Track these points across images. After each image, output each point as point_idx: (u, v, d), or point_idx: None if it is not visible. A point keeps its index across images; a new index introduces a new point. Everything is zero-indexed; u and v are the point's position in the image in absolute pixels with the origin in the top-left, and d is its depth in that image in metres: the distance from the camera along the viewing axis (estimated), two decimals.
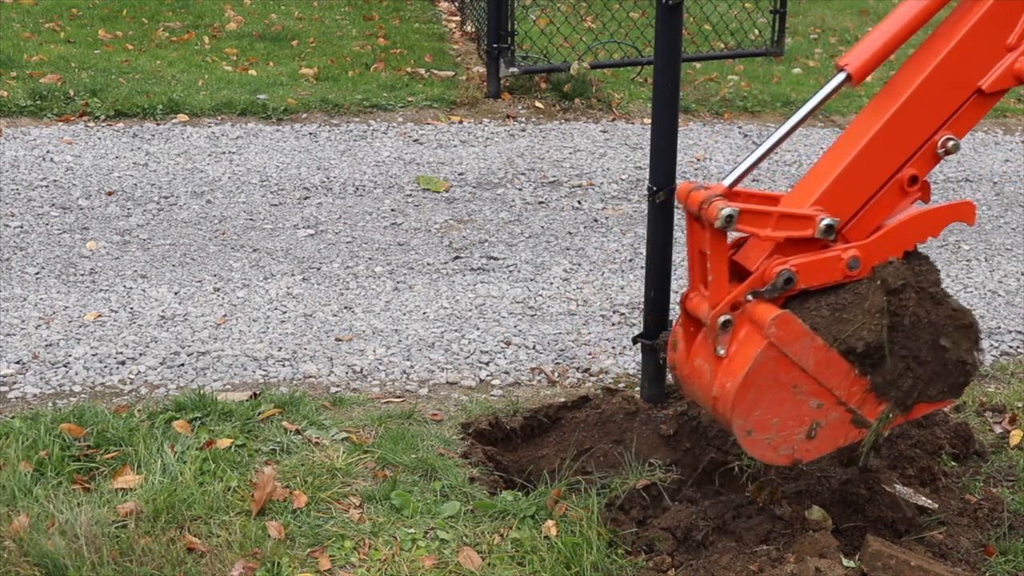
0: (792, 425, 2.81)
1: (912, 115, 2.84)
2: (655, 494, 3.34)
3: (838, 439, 2.88)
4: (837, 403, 2.84)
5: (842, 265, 2.85)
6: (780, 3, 7.97)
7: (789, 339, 2.75)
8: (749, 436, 2.79)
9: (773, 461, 2.85)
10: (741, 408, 2.76)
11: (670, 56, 3.51)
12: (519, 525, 3.22)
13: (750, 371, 2.74)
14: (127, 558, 3.03)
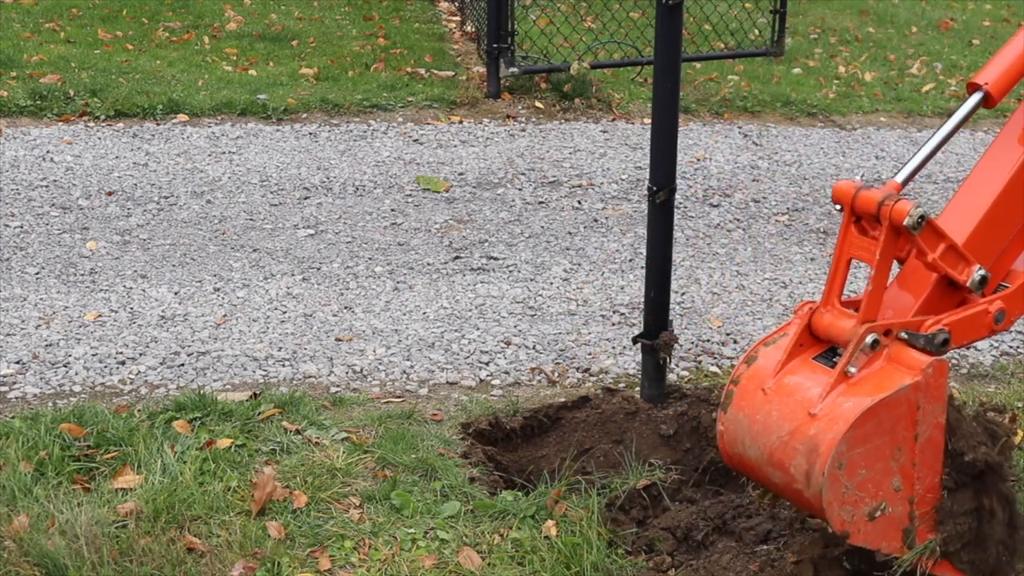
0: (870, 489, 2.44)
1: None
2: (655, 494, 3.35)
3: (881, 539, 2.51)
4: (909, 499, 2.51)
5: (989, 319, 2.63)
6: (780, 3, 7.97)
7: (933, 393, 2.45)
8: (839, 469, 2.38)
9: (833, 515, 2.43)
10: (853, 435, 2.37)
11: (670, 56, 3.51)
12: (519, 525, 3.22)
13: (885, 399, 2.39)
14: (127, 558, 3.03)
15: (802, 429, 2.43)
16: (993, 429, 2.71)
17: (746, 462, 2.55)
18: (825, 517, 2.42)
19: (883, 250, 2.48)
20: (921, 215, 2.46)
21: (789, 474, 2.43)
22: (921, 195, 6.24)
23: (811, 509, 2.47)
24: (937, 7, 10.89)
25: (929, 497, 2.52)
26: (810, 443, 2.40)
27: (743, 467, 2.58)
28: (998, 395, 4.15)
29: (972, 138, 7.28)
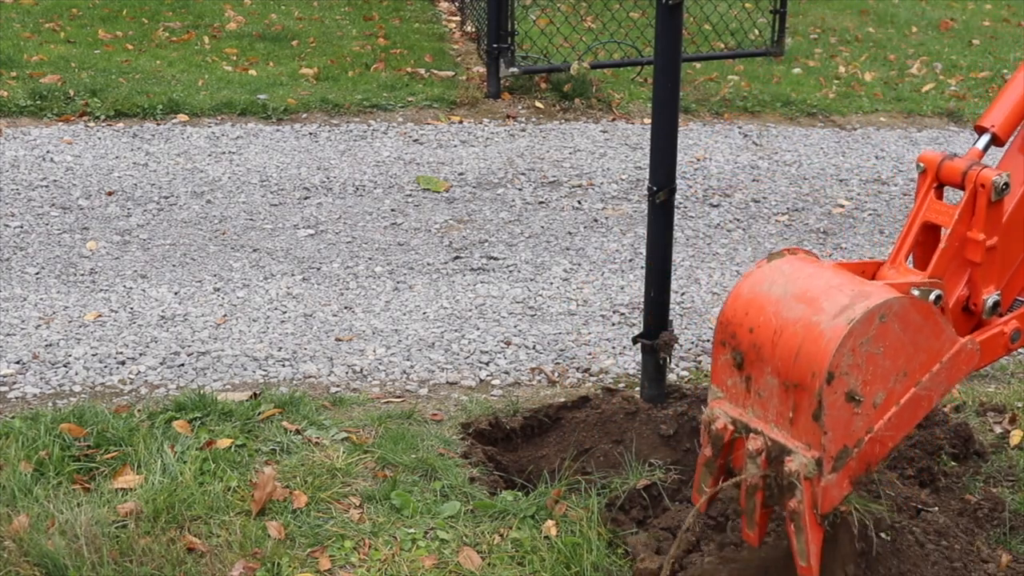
0: (873, 372, 2.41)
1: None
2: (655, 494, 3.34)
3: (843, 431, 2.44)
4: (869, 429, 2.46)
5: (1005, 340, 2.68)
6: (780, 3, 7.97)
7: (954, 365, 2.51)
8: (879, 320, 2.36)
9: (835, 358, 2.35)
10: (904, 307, 2.40)
11: (670, 56, 3.51)
12: (519, 525, 3.22)
13: (926, 306, 2.44)
14: (127, 558, 3.03)
15: (855, 284, 2.44)
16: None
17: (759, 301, 2.50)
18: (824, 354, 2.35)
19: (962, 211, 2.53)
20: (1006, 182, 2.51)
21: (819, 308, 2.39)
22: None
23: (817, 346, 2.38)
24: (937, 7, 10.90)
25: (884, 438, 2.49)
26: (862, 292, 2.40)
27: (748, 307, 2.52)
28: (998, 395, 4.15)
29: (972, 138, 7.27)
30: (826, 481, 2.43)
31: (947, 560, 2.94)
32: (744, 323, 2.51)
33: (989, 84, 8.37)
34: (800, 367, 2.39)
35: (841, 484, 2.45)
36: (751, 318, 2.50)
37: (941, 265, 2.57)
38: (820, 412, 2.39)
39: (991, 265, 2.61)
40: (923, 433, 3.53)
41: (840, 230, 5.72)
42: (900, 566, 2.86)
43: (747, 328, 2.51)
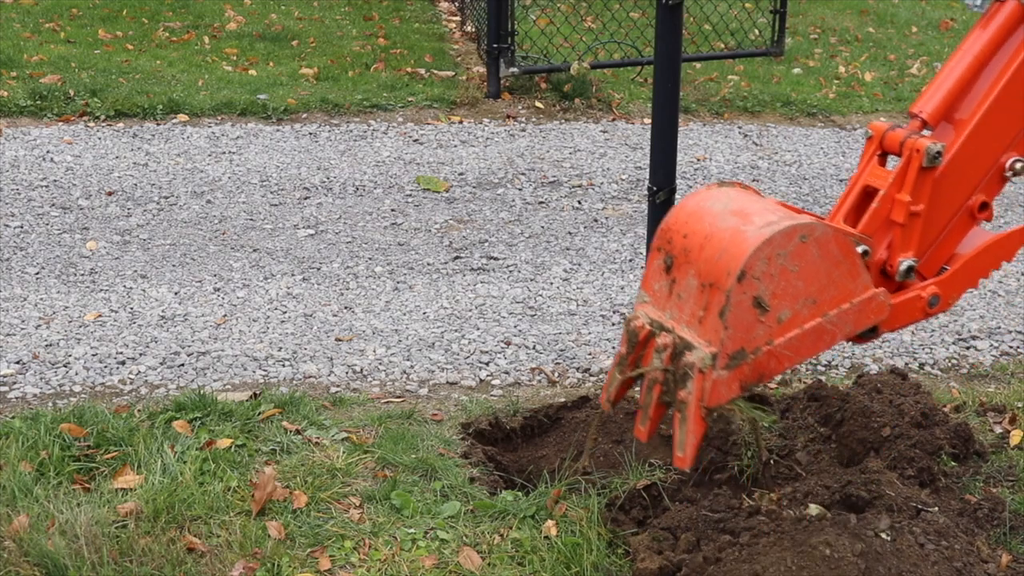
0: (784, 288, 2.58)
1: (983, 140, 2.79)
2: (655, 494, 3.34)
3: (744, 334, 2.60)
4: (769, 340, 2.61)
5: (923, 304, 2.80)
6: (780, 3, 7.97)
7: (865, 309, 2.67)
8: (800, 240, 2.54)
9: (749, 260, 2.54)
10: (825, 235, 2.57)
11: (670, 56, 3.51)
12: (519, 525, 3.22)
13: (847, 239, 2.62)
14: (127, 558, 3.03)
15: (790, 211, 2.66)
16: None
17: (699, 213, 2.69)
18: (741, 254, 2.53)
19: (896, 176, 2.71)
20: (939, 151, 2.68)
21: (750, 220, 2.59)
22: None
23: (736, 243, 2.56)
24: (937, 7, 10.90)
25: (782, 356, 2.63)
26: (793, 215, 2.61)
27: (689, 217, 2.70)
28: (998, 395, 4.15)
29: None
30: (717, 376, 2.58)
31: (947, 560, 2.94)
32: (681, 230, 2.69)
33: None
34: (719, 267, 2.56)
35: (731, 384, 2.60)
36: (689, 226, 2.69)
37: (871, 224, 2.74)
38: (726, 309, 2.55)
39: (912, 230, 2.75)
40: (923, 433, 3.53)
41: None
42: (900, 566, 2.86)
43: (682, 234, 2.69)
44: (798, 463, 3.51)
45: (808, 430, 3.66)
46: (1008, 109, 2.79)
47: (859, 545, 2.86)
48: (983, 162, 2.81)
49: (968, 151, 2.79)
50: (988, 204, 2.84)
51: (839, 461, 3.51)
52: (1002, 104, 2.79)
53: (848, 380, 4.21)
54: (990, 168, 2.82)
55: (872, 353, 4.52)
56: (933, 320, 4.79)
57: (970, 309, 4.91)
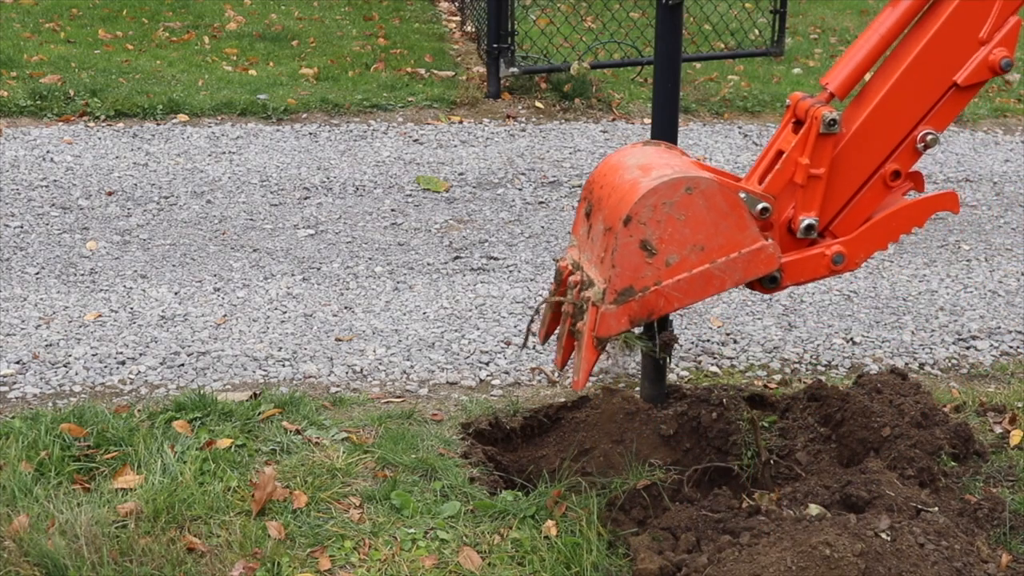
0: (670, 232, 2.87)
1: (891, 112, 2.96)
2: (655, 494, 3.34)
3: (632, 272, 2.91)
4: (657, 281, 2.90)
5: (827, 261, 3.02)
6: (780, 3, 7.97)
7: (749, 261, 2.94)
8: (686, 192, 2.85)
9: (637, 205, 2.86)
10: (711, 187, 2.87)
11: (670, 56, 3.51)
12: (519, 525, 3.22)
13: (730, 193, 2.89)
14: (127, 558, 3.03)
15: (686, 165, 2.96)
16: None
17: (615, 166, 3.03)
18: (629, 201, 2.85)
19: (799, 141, 2.94)
20: (834, 118, 2.90)
21: (648, 173, 2.90)
22: None
23: (629, 192, 2.88)
24: None
25: (670, 296, 2.93)
26: (685, 169, 2.92)
27: (607, 170, 3.04)
28: (998, 395, 4.15)
29: (972, 138, 7.29)
30: (606, 309, 2.90)
31: (947, 560, 2.93)
32: (599, 181, 3.03)
33: (989, 84, 8.37)
34: (615, 213, 2.88)
35: (619, 317, 2.92)
36: (605, 178, 3.02)
37: (774, 184, 2.98)
38: (615, 250, 2.87)
39: (813, 192, 2.97)
40: (923, 433, 3.53)
41: None
42: (900, 566, 2.86)
43: (599, 185, 3.03)
44: (798, 463, 3.51)
45: (808, 430, 3.66)
46: (914, 85, 2.95)
47: (859, 545, 2.86)
48: (891, 133, 2.98)
49: (874, 122, 2.95)
50: (900, 173, 3.01)
51: (839, 461, 3.51)
52: (908, 80, 2.94)
53: (848, 380, 4.21)
54: (900, 139, 2.98)
55: (872, 353, 4.52)
56: (933, 320, 4.79)
57: (970, 309, 4.91)
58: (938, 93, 2.97)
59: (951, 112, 3.00)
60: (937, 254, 5.47)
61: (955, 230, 5.77)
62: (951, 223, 5.85)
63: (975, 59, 2.94)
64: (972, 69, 2.95)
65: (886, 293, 5.04)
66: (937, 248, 5.54)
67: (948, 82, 2.96)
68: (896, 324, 4.76)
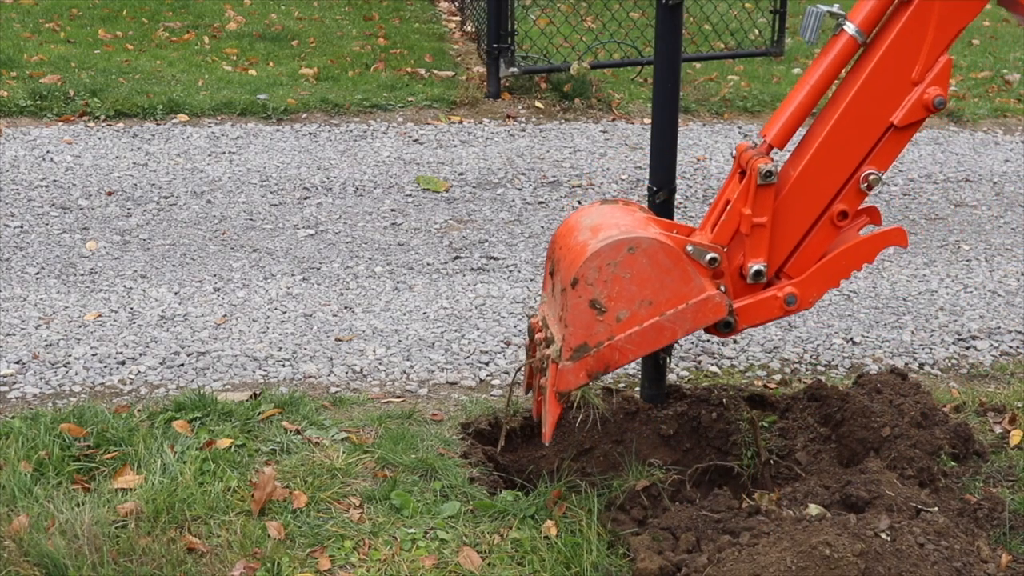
0: (617, 290, 3.01)
1: (831, 157, 3.06)
2: (655, 494, 3.35)
3: (584, 329, 3.03)
4: (610, 336, 3.01)
5: (780, 303, 3.13)
6: (780, 3, 7.97)
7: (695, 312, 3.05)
8: (628, 251, 2.98)
9: (586, 263, 2.99)
10: (654, 246, 3.00)
11: (670, 56, 3.51)
12: (519, 525, 3.22)
13: (673, 252, 3.02)
14: (127, 558, 3.03)
15: (633, 225, 3.08)
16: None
17: (572, 228, 3.17)
18: (577, 264, 3.00)
19: (741, 191, 3.06)
20: (770, 170, 3.01)
21: (597, 235, 3.04)
22: (921, 195, 6.25)
23: (578, 254, 3.03)
24: None
25: (624, 349, 3.05)
26: (630, 229, 3.05)
27: (567, 231, 3.18)
28: (998, 395, 4.15)
29: (972, 138, 7.28)
30: (563, 366, 3.05)
31: (947, 560, 2.94)
32: (559, 242, 3.18)
33: (989, 84, 8.37)
34: (567, 275, 3.04)
35: (577, 373, 3.05)
36: (564, 239, 3.16)
37: (721, 233, 3.09)
38: (566, 310, 3.02)
39: (759, 240, 3.08)
40: (923, 433, 3.53)
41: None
42: (900, 566, 2.86)
43: (559, 246, 3.18)
44: (798, 463, 3.51)
45: (808, 430, 3.66)
46: (851, 129, 3.06)
47: (859, 545, 2.86)
48: (833, 177, 3.08)
49: (815, 168, 3.07)
50: (848, 213, 3.10)
51: (839, 461, 3.51)
52: (845, 125, 3.05)
53: (848, 380, 4.21)
54: (843, 182, 3.08)
55: (872, 353, 4.52)
56: (933, 320, 4.79)
57: (970, 309, 4.91)
58: (876, 135, 3.06)
59: (892, 152, 3.09)
60: (937, 254, 5.47)
61: (955, 230, 5.77)
62: (951, 223, 5.86)
63: (909, 99, 3.02)
64: (907, 109, 3.03)
65: (886, 293, 5.04)
66: (937, 248, 5.54)
67: (885, 123, 3.05)
68: (896, 324, 4.76)
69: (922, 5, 2.96)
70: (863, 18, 3.03)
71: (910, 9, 2.97)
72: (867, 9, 3.03)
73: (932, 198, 6.21)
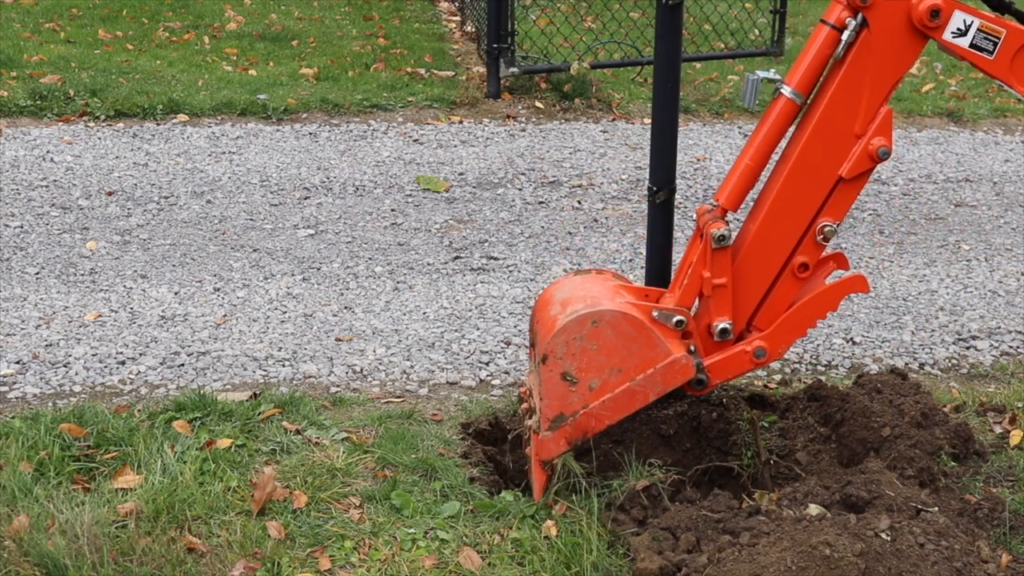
0: (587, 361, 3.15)
1: (784, 214, 3.17)
2: (655, 494, 3.34)
3: (559, 400, 3.19)
4: (585, 405, 3.17)
5: (749, 357, 3.24)
6: (780, 3, 7.97)
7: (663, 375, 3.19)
8: (591, 324, 3.12)
9: (556, 337, 3.14)
10: (617, 317, 3.13)
11: (670, 56, 3.51)
12: (519, 525, 3.22)
13: (643, 325, 3.15)
14: (127, 558, 3.03)
15: (599, 296, 3.22)
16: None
17: (547, 301, 3.32)
18: (545, 340, 3.17)
19: (699, 255, 3.18)
20: (722, 234, 3.11)
21: (565, 309, 3.20)
22: (921, 195, 6.25)
23: (548, 330, 3.18)
24: None
25: (600, 416, 3.19)
26: (595, 302, 3.18)
27: (542, 305, 3.33)
28: (998, 395, 4.15)
29: (972, 138, 7.29)
30: (543, 436, 3.22)
31: (947, 560, 2.94)
32: (536, 316, 3.34)
33: (989, 84, 8.37)
34: (540, 350, 3.20)
35: (557, 441, 3.22)
36: (540, 312, 3.32)
37: (685, 296, 3.22)
38: (541, 384, 3.18)
39: (722, 299, 3.19)
40: (923, 433, 3.53)
41: (840, 230, 5.71)
42: (900, 566, 2.86)
43: (537, 320, 3.34)
44: (798, 463, 3.51)
45: (808, 430, 3.66)
46: (801, 186, 3.15)
47: (859, 545, 2.86)
48: (789, 233, 3.18)
49: (770, 225, 3.18)
50: (808, 265, 3.21)
51: (839, 461, 3.51)
52: (795, 183, 3.15)
53: (848, 380, 4.21)
54: (800, 236, 3.18)
55: (872, 353, 4.52)
56: (933, 320, 4.79)
57: (970, 309, 4.91)
58: (826, 188, 3.14)
59: (845, 202, 3.17)
60: (937, 254, 5.47)
61: (955, 230, 5.77)
62: (951, 223, 5.86)
63: (854, 152, 3.11)
64: (853, 162, 3.11)
65: (886, 293, 5.04)
66: (937, 248, 5.54)
67: (834, 177, 3.13)
68: (896, 324, 4.76)
69: (855, 63, 3.06)
70: (799, 80, 3.13)
71: (844, 67, 3.07)
72: (802, 71, 3.13)
73: (932, 198, 6.21)
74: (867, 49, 3.04)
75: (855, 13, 3.02)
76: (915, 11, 3.01)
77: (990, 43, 3.06)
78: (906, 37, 3.05)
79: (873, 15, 3.02)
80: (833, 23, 3.07)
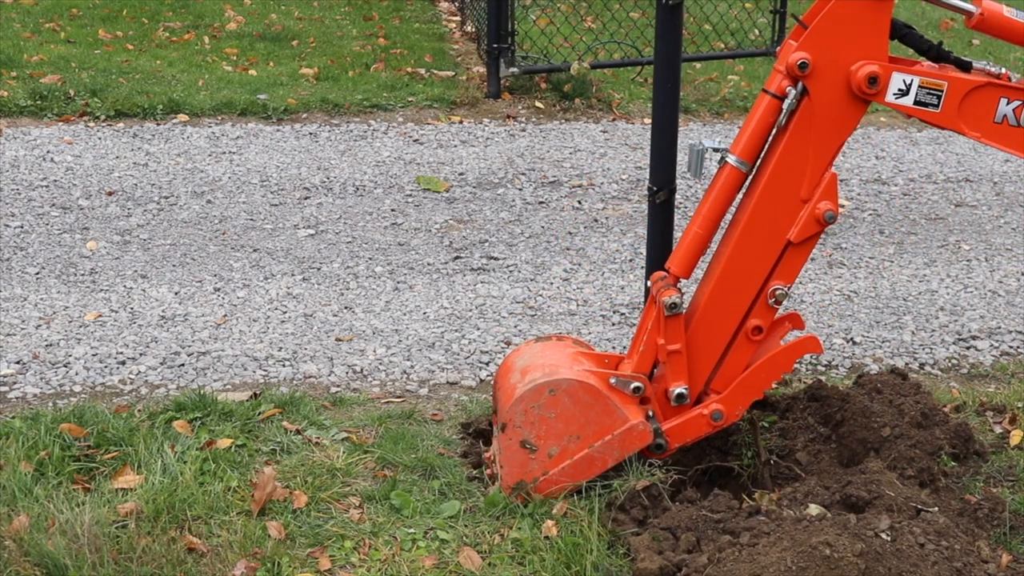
0: (545, 429, 3.21)
1: (735, 280, 3.21)
2: (655, 494, 3.34)
3: (520, 469, 3.27)
4: (545, 470, 3.24)
5: (707, 420, 3.27)
6: (780, 3, 7.97)
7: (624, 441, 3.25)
8: (548, 393, 3.18)
9: (515, 406, 3.20)
10: (574, 385, 3.20)
11: (670, 56, 3.51)
12: (519, 525, 3.22)
13: (603, 396, 3.21)
14: (127, 558, 3.03)
15: (557, 365, 3.28)
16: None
17: (508, 368, 3.38)
18: (504, 409, 3.23)
19: (653, 322, 3.23)
20: (674, 302, 3.17)
21: (524, 377, 3.25)
22: (921, 195, 6.25)
23: (507, 399, 3.23)
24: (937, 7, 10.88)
25: (559, 481, 3.25)
26: (552, 371, 3.24)
27: (504, 372, 3.39)
28: (998, 395, 4.15)
29: None
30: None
31: (947, 560, 2.94)
32: (497, 383, 3.40)
33: None
34: (499, 418, 3.27)
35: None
36: (500, 380, 3.38)
37: (641, 363, 3.26)
38: (500, 452, 3.25)
39: (678, 365, 3.24)
40: (923, 433, 3.53)
41: (840, 230, 5.72)
42: (900, 566, 2.86)
43: (498, 387, 3.39)
44: (798, 463, 3.51)
45: (808, 430, 3.66)
46: (750, 252, 3.19)
47: (859, 545, 2.86)
48: (740, 298, 3.22)
49: (721, 292, 3.22)
50: (762, 328, 3.23)
51: (839, 461, 3.51)
52: (743, 249, 3.19)
53: (848, 380, 4.21)
54: (752, 300, 3.21)
55: (872, 353, 4.52)
56: (933, 320, 4.79)
57: (970, 309, 4.91)
58: (775, 254, 3.18)
59: (795, 265, 3.20)
60: (937, 254, 5.47)
61: (955, 230, 5.77)
62: (951, 223, 5.86)
63: (801, 217, 3.13)
64: (801, 226, 3.14)
65: (886, 293, 5.04)
66: (937, 248, 5.54)
67: (783, 241, 3.16)
68: (896, 324, 4.76)
69: (798, 130, 3.08)
70: (743, 148, 3.18)
71: (787, 135, 3.10)
72: (745, 140, 3.18)
73: (932, 198, 6.21)
74: (809, 117, 3.06)
75: (795, 82, 3.04)
76: (853, 78, 3.02)
77: (934, 97, 3.07)
78: (846, 103, 3.06)
79: (813, 84, 3.03)
80: (774, 92, 3.08)
